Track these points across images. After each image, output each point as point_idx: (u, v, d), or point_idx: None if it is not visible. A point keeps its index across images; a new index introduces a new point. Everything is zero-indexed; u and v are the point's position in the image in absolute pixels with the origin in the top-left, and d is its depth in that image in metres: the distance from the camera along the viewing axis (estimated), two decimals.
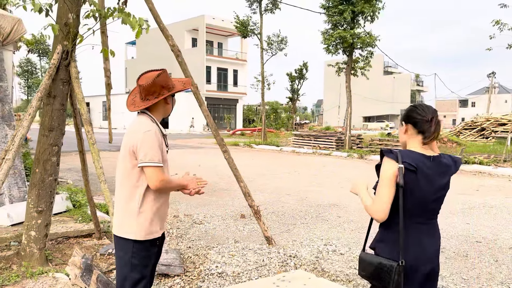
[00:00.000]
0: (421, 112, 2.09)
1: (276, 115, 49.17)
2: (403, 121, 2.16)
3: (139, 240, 2.39)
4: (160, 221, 2.48)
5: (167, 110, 2.52)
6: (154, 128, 2.36)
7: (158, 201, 2.42)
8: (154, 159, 2.30)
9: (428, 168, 2.05)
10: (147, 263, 2.44)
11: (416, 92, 71.65)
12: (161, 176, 2.31)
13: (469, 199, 8.46)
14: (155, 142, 2.31)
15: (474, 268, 4.57)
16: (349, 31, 18.22)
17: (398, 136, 25.63)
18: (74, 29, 4.06)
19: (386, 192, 2.02)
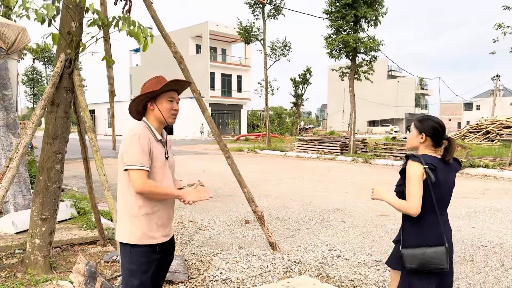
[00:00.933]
0: (441, 130, 2.56)
1: (280, 120, 49.21)
2: (423, 133, 2.56)
3: (136, 245, 2.39)
4: (162, 227, 2.46)
5: (157, 116, 2.48)
6: (140, 132, 2.37)
7: (154, 206, 2.42)
8: (135, 162, 2.30)
9: (442, 168, 2.49)
10: (147, 269, 2.41)
11: (421, 96, 71.41)
12: (143, 180, 2.30)
13: (475, 202, 8.40)
14: (138, 146, 2.32)
15: (480, 272, 4.52)
16: (352, 35, 18.23)
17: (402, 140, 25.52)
18: (77, 37, 4.09)
19: (417, 189, 2.40)
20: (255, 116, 53.19)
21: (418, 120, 2.62)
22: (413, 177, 2.42)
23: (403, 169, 2.51)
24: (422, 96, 72.51)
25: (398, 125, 65.53)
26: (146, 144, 2.35)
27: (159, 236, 2.44)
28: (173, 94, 2.52)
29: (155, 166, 2.41)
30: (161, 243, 2.47)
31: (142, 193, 2.33)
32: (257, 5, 24.14)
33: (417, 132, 2.59)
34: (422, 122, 2.59)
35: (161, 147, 2.49)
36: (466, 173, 13.16)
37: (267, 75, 24.95)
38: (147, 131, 2.42)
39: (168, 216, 2.52)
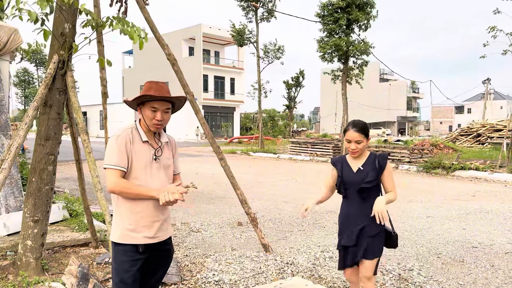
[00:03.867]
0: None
1: (273, 122, 49.30)
2: (367, 137, 2.95)
3: (117, 243, 2.45)
4: (144, 228, 2.46)
5: (146, 119, 2.50)
6: (122, 134, 2.44)
7: (135, 205, 2.44)
8: (110, 162, 2.38)
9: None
10: (128, 268, 2.43)
11: (412, 99, 71.93)
12: (114, 180, 2.35)
13: (465, 204, 8.49)
14: (114, 146, 2.40)
15: (470, 273, 4.58)
16: (344, 38, 18.35)
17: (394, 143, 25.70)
18: (70, 38, 4.09)
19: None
20: (248, 118, 53.24)
21: (360, 128, 2.92)
22: (392, 172, 3.03)
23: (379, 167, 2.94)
24: (414, 99, 73.03)
25: (390, 128, 65.94)
26: (124, 144, 2.40)
27: (140, 236, 2.45)
28: (157, 104, 2.47)
29: (136, 166, 2.44)
30: (145, 244, 2.47)
31: (113, 191, 2.39)
32: (250, 8, 24.20)
33: (366, 139, 2.94)
34: (366, 129, 2.93)
35: (148, 148, 2.51)
36: (457, 176, 13.28)
37: (260, 78, 25.00)
38: (129, 132, 2.47)
39: (153, 218, 2.50)
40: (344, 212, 3.12)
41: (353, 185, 2.98)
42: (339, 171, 3.07)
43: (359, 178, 2.96)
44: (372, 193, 2.95)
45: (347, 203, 3.10)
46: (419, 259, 5.03)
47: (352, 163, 3.04)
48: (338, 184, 3.06)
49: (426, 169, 14.27)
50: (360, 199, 2.97)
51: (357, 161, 3.02)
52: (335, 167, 3.14)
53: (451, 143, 24.31)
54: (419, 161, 15.85)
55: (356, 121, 2.96)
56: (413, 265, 4.78)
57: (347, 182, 3.01)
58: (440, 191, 10.33)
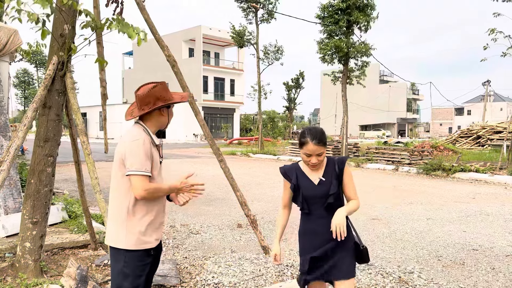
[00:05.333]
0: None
1: (273, 124, 49.28)
2: (326, 146, 2.54)
3: (130, 250, 2.39)
4: (155, 231, 2.47)
5: (162, 121, 2.51)
6: (143, 137, 2.37)
7: (150, 210, 2.42)
8: (140, 168, 2.30)
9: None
10: (140, 273, 2.42)
11: (412, 101, 71.99)
12: (146, 186, 2.30)
13: (466, 207, 8.47)
14: (141, 151, 2.32)
15: (471, 276, 4.56)
16: (344, 40, 18.35)
17: (394, 144, 25.68)
18: (69, 40, 4.08)
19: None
20: (248, 120, 53.24)
21: (320, 140, 2.47)
22: (352, 177, 2.63)
23: (339, 172, 2.56)
24: (414, 101, 73.08)
25: (390, 130, 65.97)
26: (149, 148, 2.36)
27: (153, 240, 2.45)
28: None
29: (154, 170, 2.42)
30: (155, 246, 2.48)
31: (144, 197, 2.32)
32: (250, 9, 24.21)
33: (325, 148, 2.54)
34: (324, 139, 2.51)
35: (157, 152, 2.50)
36: (457, 178, 13.26)
37: (260, 79, 25.00)
38: (146, 135, 2.42)
39: (161, 220, 2.54)
40: (310, 228, 2.62)
41: (316, 201, 2.54)
42: (293, 184, 2.62)
43: (323, 192, 2.52)
44: (337, 204, 2.55)
45: (310, 218, 2.62)
46: (420, 262, 5.01)
47: (309, 173, 2.60)
48: (300, 200, 2.59)
49: (426, 171, 14.25)
50: (326, 213, 2.53)
51: (317, 171, 2.59)
52: (287, 179, 2.68)
53: (451, 145, 24.29)
54: (419, 163, 15.83)
55: (313, 131, 2.49)
56: (414, 268, 4.76)
57: (310, 198, 2.55)
58: (440, 193, 10.31)
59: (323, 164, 2.59)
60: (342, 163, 2.57)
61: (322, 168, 2.58)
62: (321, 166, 2.59)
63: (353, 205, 2.53)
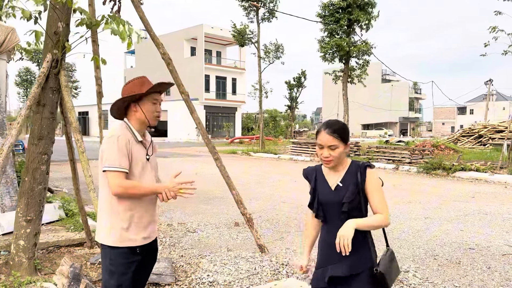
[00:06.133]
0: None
1: (275, 123, 49.27)
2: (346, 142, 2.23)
3: (115, 247, 2.38)
4: (142, 230, 2.44)
5: (139, 117, 2.47)
6: (119, 134, 2.36)
7: (134, 208, 2.40)
8: (113, 164, 2.29)
9: None
10: (125, 271, 2.40)
11: (414, 100, 71.84)
12: (120, 182, 2.28)
13: (465, 206, 8.44)
14: (115, 147, 2.31)
15: (466, 275, 4.54)
16: (345, 39, 18.32)
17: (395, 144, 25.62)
18: (63, 37, 4.07)
19: (385, 198, 2.22)
20: (249, 118, 53.24)
21: (339, 134, 2.21)
22: (380, 186, 2.22)
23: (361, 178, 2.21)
24: (416, 100, 72.94)
25: (392, 129, 65.85)
26: (125, 144, 2.34)
27: (139, 238, 2.43)
28: (157, 96, 2.51)
29: (135, 167, 2.39)
30: (142, 245, 2.45)
31: (118, 194, 2.32)
32: (251, 8, 24.19)
33: (344, 145, 2.22)
34: (343, 132, 2.23)
35: (142, 148, 2.48)
36: (457, 177, 13.22)
37: (261, 78, 24.98)
38: (127, 132, 2.41)
39: (149, 218, 2.50)
40: (327, 240, 2.30)
41: (332, 208, 2.26)
42: (311, 187, 2.39)
43: (338, 199, 2.23)
44: (356, 216, 2.20)
45: (328, 229, 2.32)
46: (415, 261, 5.00)
47: (329, 177, 2.32)
48: (316, 205, 2.34)
49: (426, 170, 14.21)
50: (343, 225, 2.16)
51: (335, 174, 2.29)
52: (308, 182, 2.43)
53: (452, 144, 24.22)
54: (420, 162, 15.79)
55: (330, 121, 2.28)
56: (409, 267, 4.75)
57: (325, 204, 2.29)
58: (439, 192, 10.28)
59: (344, 167, 2.27)
60: (364, 168, 2.23)
61: (343, 172, 2.27)
62: (342, 169, 2.27)
63: (373, 219, 2.16)
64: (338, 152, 2.20)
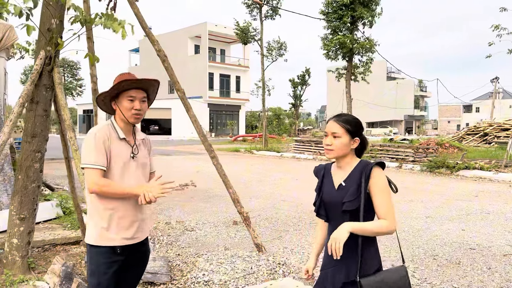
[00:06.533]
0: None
1: (279, 121, 49.18)
2: (356, 137, 2.14)
3: (95, 245, 2.36)
4: (124, 230, 2.39)
5: (119, 114, 2.43)
6: (96, 131, 2.35)
7: (115, 207, 2.36)
8: (89, 161, 2.28)
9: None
10: (105, 270, 2.36)
11: (420, 98, 71.43)
12: (95, 180, 2.26)
13: (467, 205, 8.34)
14: (91, 144, 2.30)
15: (466, 276, 4.46)
16: (348, 36, 18.20)
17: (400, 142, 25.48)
18: (57, 34, 4.03)
19: (392, 202, 2.04)
20: (253, 117, 53.20)
21: (345, 123, 2.12)
22: (387, 189, 2.05)
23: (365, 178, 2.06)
24: (421, 98, 72.53)
25: (397, 127, 65.53)
26: (102, 142, 2.31)
27: (118, 238, 2.38)
28: (134, 93, 2.41)
29: (114, 165, 2.36)
30: (124, 245, 2.40)
31: (94, 192, 2.29)
32: (254, 6, 24.10)
33: (350, 137, 2.11)
34: (352, 124, 2.13)
35: (125, 146, 2.43)
36: (461, 175, 13.09)
37: (264, 76, 24.91)
38: (107, 129, 2.38)
39: (132, 219, 2.44)
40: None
41: (334, 207, 2.15)
42: (317, 185, 2.29)
43: (340, 198, 2.12)
44: (358, 218, 2.07)
45: (330, 229, 2.20)
46: (414, 261, 4.92)
47: (335, 176, 2.21)
48: (318, 203, 2.25)
49: (429, 169, 14.09)
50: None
51: (341, 173, 2.18)
52: (318, 179, 2.34)
53: (457, 142, 24.03)
54: (424, 161, 15.67)
55: (343, 113, 2.22)
56: (408, 267, 4.67)
57: (328, 203, 2.19)
58: (442, 190, 10.18)
59: (351, 166, 2.15)
60: (369, 168, 2.06)
61: (349, 171, 2.14)
62: (349, 168, 2.15)
63: (373, 225, 2.01)
64: (340, 142, 2.10)
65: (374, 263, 2.09)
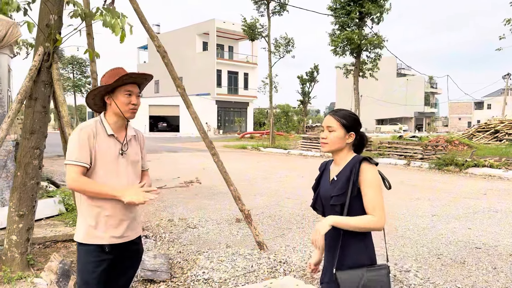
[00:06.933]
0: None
1: (287, 118, 49.02)
2: (351, 132, 2.15)
3: (82, 243, 2.34)
4: (112, 228, 2.35)
5: (113, 109, 2.39)
6: (83, 127, 2.32)
7: (102, 205, 2.31)
8: (71, 157, 2.27)
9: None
10: (93, 269, 2.33)
11: (430, 94, 70.71)
12: (75, 177, 2.24)
13: (475, 203, 8.20)
14: (75, 140, 2.28)
15: (470, 275, 4.36)
16: (356, 32, 18.02)
17: (409, 139, 25.23)
18: (55, 30, 4.00)
19: (382, 198, 2.03)
20: (262, 114, 53.11)
21: (341, 117, 2.14)
22: (377, 183, 2.04)
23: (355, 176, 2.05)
24: (432, 95, 71.81)
25: (407, 124, 64.96)
26: (86, 138, 2.28)
27: (106, 236, 2.34)
28: (131, 87, 2.40)
29: (101, 162, 2.32)
30: (113, 244, 2.36)
31: (73, 189, 2.30)
32: (262, 2, 23.97)
33: (344, 132, 2.12)
34: (347, 119, 2.14)
35: (114, 143, 2.38)
36: (470, 173, 12.90)
37: (271, 72, 24.81)
38: (93, 125, 2.34)
39: (121, 217, 2.39)
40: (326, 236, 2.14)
41: (327, 202, 2.17)
42: (316, 179, 2.33)
43: (331, 192, 2.13)
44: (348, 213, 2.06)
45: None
46: (418, 260, 4.83)
47: (332, 171, 2.23)
48: (314, 197, 2.28)
49: (438, 166, 13.91)
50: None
51: (337, 167, 2.20)
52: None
53: (467, 139, 23.71)
54: (432, 158, 15.48)
55: (341, 109, 2.25)
56: (411, 266, 4.59)
57: (323, 197, 2.20)
58: (450, 188, 10.03)
59: (346, 161, 2.15)
60: (359, 162, 2.07)
61: (342, 166, 2.16)
62: (343, 163, 2.16)
63: (359, 220, 2.00)
64: (334, 136, 2.13)
65: (362, 259, 2.07)
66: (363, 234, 2.09)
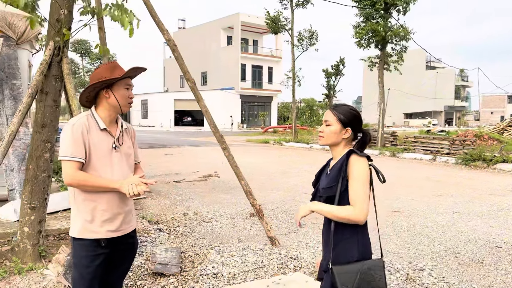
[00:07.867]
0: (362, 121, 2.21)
1: (312, 112, 48.52)
2: (348, 127, 2.15)
3: (77, 238, 2.33)
4: (108, 222, 2.33)
5: (112, 104, 2.36)
6: (75, 122, 2.29)
7: (97, 199, 2.30)
8: (65, 153, 2.23)
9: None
10: (89, 264, 2.31)
11: (461, 88, 68.58)
12: (71, 172, 2.21)
13: (500, 200, 7.88)
14: (68, 136, 2.25)
15: (488, 275, 4.18)
16: (381, 23, 17.58)
17: (437, 134, 24.55)
18: (65, 25, 4.04)
19: (367, 190, 2.03)
20: (286, 108, 52.80)
21: (338, 112, 2.15)
22: (362, 176, 2.02)
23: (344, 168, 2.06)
24: (463, 88, 69.63)
25: (437, 118, 63.26)
26: (80, 133, 2.26)
27: (103, 230, 2.32)
28: (129, 81, 2.43)
29: (95, 156, 2.30)
30: (109, 238, 2.35)
31: (71, 184, 2.25)
32: None
33: (341, 126, 2.13)
34: (345, 114, 2.14)
35: (107, 137, 2.37)
36: (498, 169, 12.43)
37: (294, 66, 24.57)
38: (85, 120, 2.32)
39: (117, 211, 2.38)
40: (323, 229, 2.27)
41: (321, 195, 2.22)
42: (317, 173, 2.37)
43: (321, 185, 2.21)
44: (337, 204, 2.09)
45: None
46: (434, 258, 4.67)
47: (331, 164, 2.26)
48: (315, 189, 2.32)
49: (465, 162, 13.47)
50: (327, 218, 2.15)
51: (333, 162, 2.23)
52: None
53: (496, 134, 22.88)
54: (459, 153, 15.00)
55: (343, 104, 2.23)
56: (426, 265, 4.44)
57: (320, 190, 2.23)
58: (475, 184, 9.69)
59: (341, 155, 2.16)
60: (347, 155, 2.08)
61: (337, 159, 2.17)
62: (338, 157, 2.17)
63: (338, 209, 2.02)
64: (330, 130, 2.15)
65: (353, 254, 2.07)
66: (354, 229, 2.07)
